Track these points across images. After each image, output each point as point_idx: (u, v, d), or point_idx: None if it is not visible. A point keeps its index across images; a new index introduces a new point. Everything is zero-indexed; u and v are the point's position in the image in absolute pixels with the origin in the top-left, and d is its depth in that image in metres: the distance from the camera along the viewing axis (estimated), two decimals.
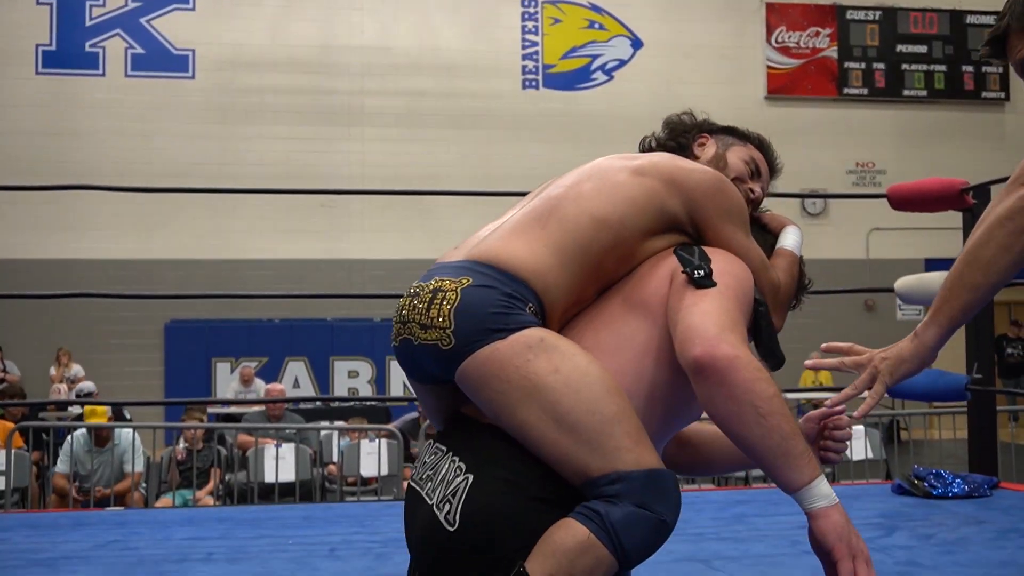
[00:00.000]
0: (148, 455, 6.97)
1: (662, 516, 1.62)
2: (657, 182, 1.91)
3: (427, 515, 1.70)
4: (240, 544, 3.50)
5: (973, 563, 3.14)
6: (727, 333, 1.67)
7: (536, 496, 1.65)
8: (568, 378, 1.67)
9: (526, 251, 1.82)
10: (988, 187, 4.50)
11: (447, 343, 1.73)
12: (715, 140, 2.16)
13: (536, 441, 1.67)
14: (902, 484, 4.31)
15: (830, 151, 14.92)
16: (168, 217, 13.48)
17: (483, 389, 1.72)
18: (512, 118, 14.47)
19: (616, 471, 1.62)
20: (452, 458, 1.73)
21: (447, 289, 1.77)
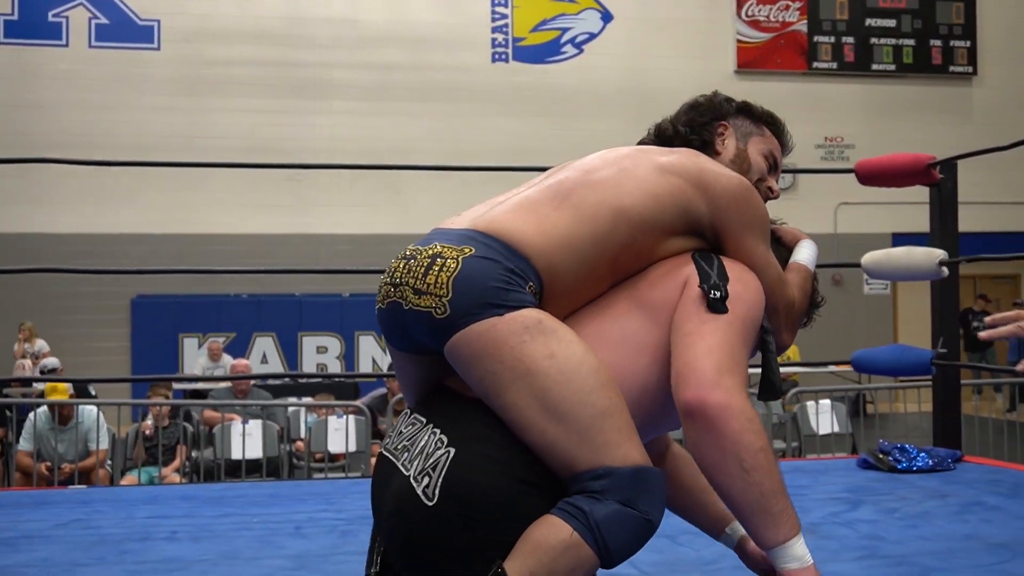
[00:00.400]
0: (113, 432, 6.90)
1: (647, 515, 1.59)
2: (684, 182, 1.85)
3: (403, 486, 1.63)
4: (205, 522, 3.47)
5: (936, 536, 3.16)
6: (725, 377, 1.65)
7: (521, 477, 1.61)
8: (563, 365, 1.63)
9: (534, 228, 1.75)
10: (955, 162, 4.51)
11: (442, 312, 1.66)
12: (733, 129, 2.09)
13: (523, 425, 1.63)
14: (867, 458, 4.33)
15: (799, 125, 14.68)
16: (133, 191, 13.33)
17: (475, 366, 1.66)
18: (482, 91, 14.39)
19: (603, 466, 1.59)
20: (433, 430, 1.67)
21: (447, 256, 1.70)
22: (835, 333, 13.43)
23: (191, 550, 3.11)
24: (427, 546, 1.60)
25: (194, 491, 4.08)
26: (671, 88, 15.27)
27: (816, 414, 7.67)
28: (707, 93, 2.16)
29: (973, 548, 3.01)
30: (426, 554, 1.61)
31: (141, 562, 2.97)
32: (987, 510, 3.50)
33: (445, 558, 1.59)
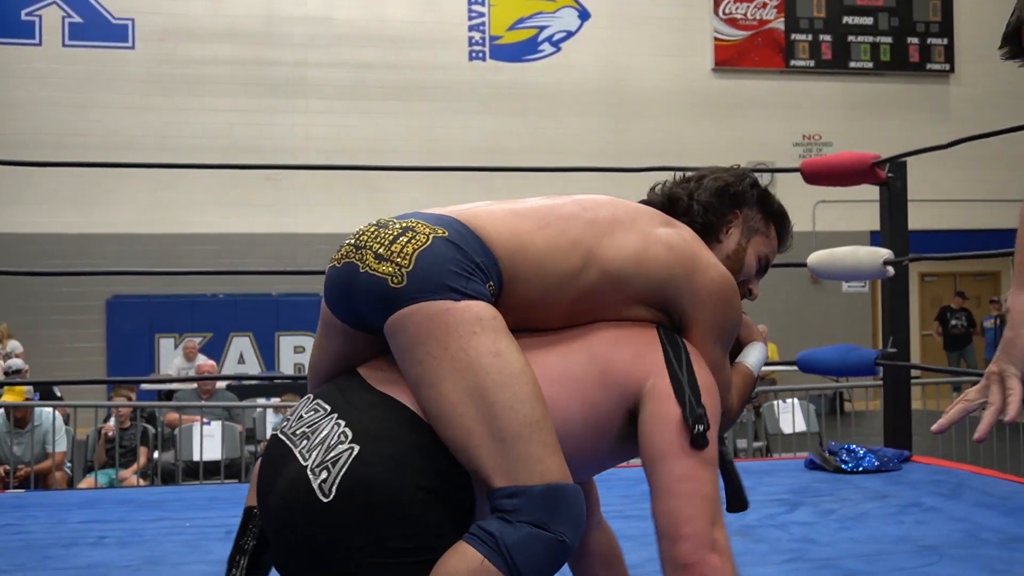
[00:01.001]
0: (73, 434, 6.85)
1: (560, 536, 1.56)
2: (675, 260, 1.82)
3: (297, 477, 1.57)
4: (136, 527, 3.44)
5: (868, 539, 3.15)
6: (718, 532, 1.68)
7: (424, 485, 1.55)
8: (504, 367, 1.59)
9: (510, 235, 1.73)
10: (903, 160, 4.49)
11: (398, 281, 1.62)
12: (743, 221, 2.03)
13: (450, 421, 1.58)
14: (814, 459, 4.32)
15: (777, 123, 14.95)
16: (108, 191, 13.26)
17: (417, 347, 1.61)
18: (459, 90, 14.35)
19: (516, 485, 1.55)
20: (337, 421, 1.61)
21: (419, 231, 1.67)
22: (813, 332, 13.44)
23: (116, 555, 3.08)
24: (315, 544, 1.55)
25: (133, 495, 4.04)
26: (649, 86, 15.29)
27: (783, 413, 7.65)
28: (735, 170, 2.08)
29: (901, 551, 2.99)
30: (312, 553, 1.56)
31: (61, 568, 2.94)
32: (924, 511, 3.48)
33: (332, 559, 1.54)
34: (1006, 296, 10.21)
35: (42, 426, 6.45)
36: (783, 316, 14.58)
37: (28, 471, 6.19)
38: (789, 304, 14.76)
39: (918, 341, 16.42)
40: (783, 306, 14.73)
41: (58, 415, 6.59)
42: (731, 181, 2.03)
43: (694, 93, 14.96)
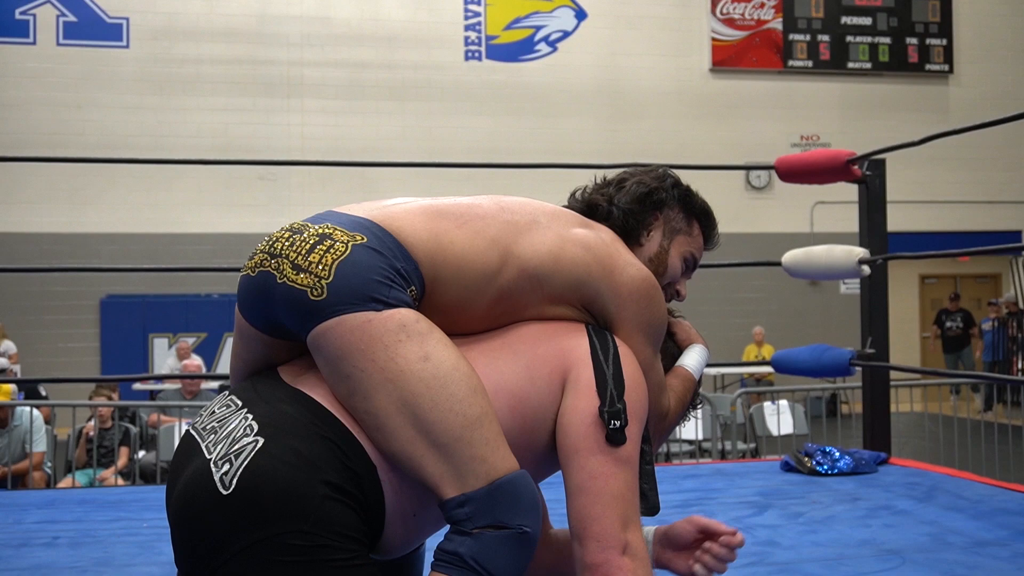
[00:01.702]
0: (54, 433, 6.81)
1: (520, 528, 1.53)
2: (592, 260, 1.78)
3: (200, 469, 1.52)
4: (91, 527, 3.39)
5: (831, 542, 3.08)
6: (631, 534, 1.63)
7: (328, 480, 1.50)
8: (436, 369, 1.56)
9: (429, 236, 1.68)
10: (882, 158, 4.43)
11: (318, 294, 1.57)
12: (664, 222, 1.98)
13: (389, 433, 1.55)
14: (789, 461, 4.25)
15: (775, 124, 14.88)
16: (102, 190, 13.24)
17: (343, 360, 1.56)
18: (455, 90, 14.30)
19: (464, 493, 1.53)
20: (246, 415, 1.58)
21: (337, 239, 1.62)
22: (811, 333, 13.36)
23: (65, 556, 3.03)
24: (208, 538, 1.49)
25: (93, 495, 3.99)
26: (645, 86, 15.23)
27: (772, 415, 7.58)
28: (656, 172, 2.02)
29: (864, 555, 2.93)
30: (208, 548, 1.49)
31: (7, 570, 2.89)
32: (893, 515, 3.42)
33: (226, 554, 1.48)
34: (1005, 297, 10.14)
35: (22, 426, 6.40)
36: (781, 317, 14.52)
37: (5, 471, 6.14)
38: (787, 305, 14.70)
39: (917, 343, 16.35)
40: (781, 307, 14.67)
41: (39, 415, 6.55)
42: (653, 186, 1.98)
43: (691, 93, 14.89)
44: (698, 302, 8.14)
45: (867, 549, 3.00)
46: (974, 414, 10.33)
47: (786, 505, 3.61)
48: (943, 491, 3.75)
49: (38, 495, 4.11)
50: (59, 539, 3.24)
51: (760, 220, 14.84)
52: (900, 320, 14.90)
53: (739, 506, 3.62)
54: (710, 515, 3.51)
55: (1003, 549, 2.98)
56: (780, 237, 13.38)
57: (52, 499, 3.91)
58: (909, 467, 4.29)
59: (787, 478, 4.13)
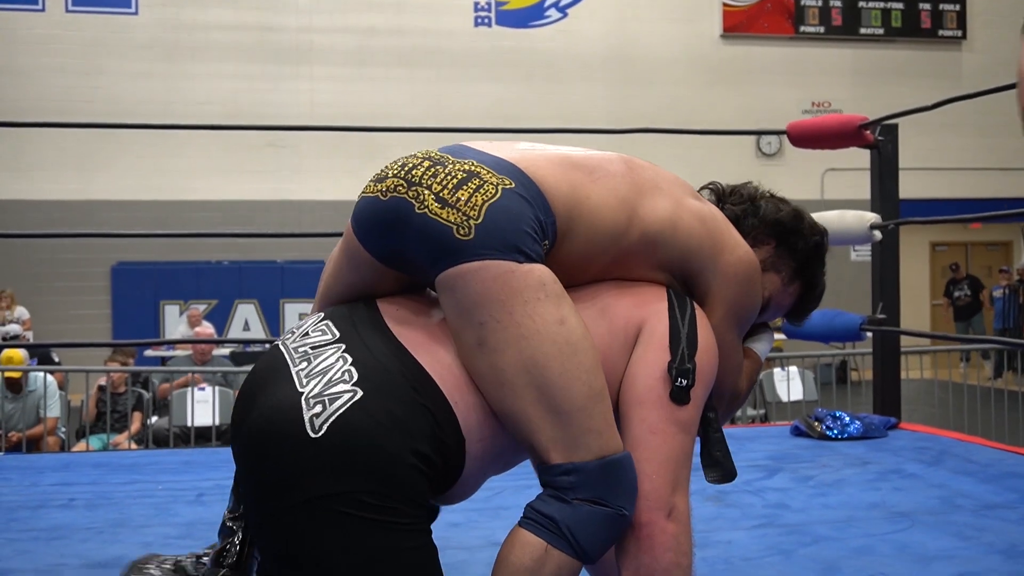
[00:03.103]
0: (69, 400, 6.86)
1: (620, 509, 1.53)
2: (705, 233, 1.75)
3: (290, 400, 1.48)
4: (106, 490, 3.42)
5: (840, 505, 3.10)
6: (679, 498, 1.61)
7: (416, 450, 1.47)
8: (570, 335, 1.53)
9: (568, 188, 1.63)
10: (895, 123, 4.41)
11: (465, 233, 1.51)
12: (771, 255, 1.91)
13: (511, 389, 1.52)
14: (799, 425, 4.27)
15: (786, 90, 14.80)
16: (112, 157, 13.25)
17: (478, 308, 1.52)
18: (464, 56, 14.24)
19: (572, 462, 1.51)
20: (344, 355, 1.53)
21: (487, 180, 1.56)
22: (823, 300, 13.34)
23: (82, 518, 3.06)
24: (283, 475, 1.46)
25: (108, 458, 4.03)
26: (656, 52, 15.14)
27: (781, 381, 7.59)
28: (814, 224, 1.96)
29: (873, 517, 2.95)
30: (275, 481, 1.46)
31: (25, 530, 2.92)
32: (903, 478, 3.44)
33: (296, 495, 1.45)
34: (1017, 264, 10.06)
35: (36, 391, 6.45)
36: None
37: (20, 436, 6.19)
38: None
39: (927, 311, 16.33)
40: None
41: (52, 380, 6.60)
42: (792, 224, 1.92)
43: (702, 59, 14.80)
44: None
45: (877, 512, 3.02)
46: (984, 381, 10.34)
47: (796, 469, 3.62)
48: (952, 455, 3.76)
49: (53, 458, 4.16)
50: (75, 501, 3.28)
51: (770, 187, 14.41)
52: (910, 288, 14.85)
53: (749, 469, 3.64)
54: None
55: (1011, 512, 2.99)
56: None
57: (67, 462, 3.95)
58: (919, 432, 4.30)
59: (797, 442, 4.15)
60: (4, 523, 3.00)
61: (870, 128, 4.18)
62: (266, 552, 1.56)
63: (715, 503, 3.19)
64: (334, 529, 1.44)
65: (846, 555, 2.59)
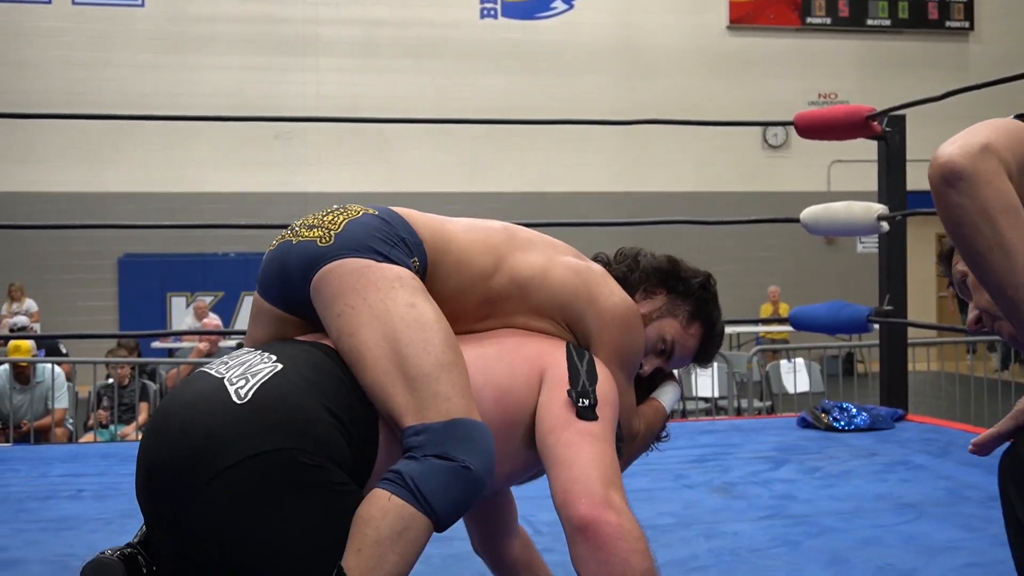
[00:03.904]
0: (76, 391, 6.87)
1: (464, 463, 1.57)
2: (579, 283, 1.91)
3: (214, 384, 1.57)
4: (114, 481, 3.43)
5: (847, 496, 3.11)
6: (613, 492, 1.65)
7: (332, 410, 1.57)
8: (420, 316, 1.67)
9: (435, 225, 1.85)
10: (902, 114, 4.40)
11: (326, 241, 1.73)
12: (664, 302, 2.02)
13: (367, 364, 1.64)
14: (806, 417, 4.27)
15: (792, 82, 14.75)
16: (119, 149, 13.25)
17: (337, 299, 1.68)
18: (470, 48, 14.22)
19: (422, 423, 1.59)
20: (262, 353, 1.66)
21: (351, 209, 1.81)
22: (827, 293, 13.30)
23: (90, 508, 3.08)
24: (213, 442, 1.48)
25: (115, 449, 4.04)
26: (662, 44, 15.10)
27: (788, 373, 7.59)
28: (694, 269, 2.06)
29: (880, 508, 2.95)
30: (206, 450, 1.48)
31: (33, 521, 2.94)
32: (910, 469, 3.44)
33: (227, 457, 1.47)
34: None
35: (44, 382, 6.47)
36: (798, 276, 14.48)
37: (28, 427, 6.21)
38: (804, 264, 14.65)
39: (934, 303, 16.30)
40: (798, 266, 14.62)
41: (60, 372, 6.61)
42: (672, 270, 2.04)
43: (708, 51, 14.76)
44: (714, 261, 8.14)
45: (883, 503, 3.02)
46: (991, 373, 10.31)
47: (803, 460, 3.63)
48: (959, 447, 3.76)
49: (62, 449, 4.17)
50: (84, 492, 3.30)
51: (777, 179, 14.77)
52: (917, 281, 14.78)
53: (756, 461, 3.65)
54: (727, 470, 3.54)
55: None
56: (797, 196, 13.27)
57: (75, 453, 3.96)
58: (926, 423, 4.30)
59: (804, 434, 4.15)
60: (13, 514, 3.02)
61: (877, 119, 4.18)
62: (193, 541, 1.50)
63: (722, 495, 3.19)
64: (270, 488, 1.48)
65: (853, 546, 2.59)
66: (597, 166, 14.28)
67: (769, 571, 2.43)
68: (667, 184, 14.40)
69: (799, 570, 2.42)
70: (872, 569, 2.41)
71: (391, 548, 1.52)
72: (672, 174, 14.45)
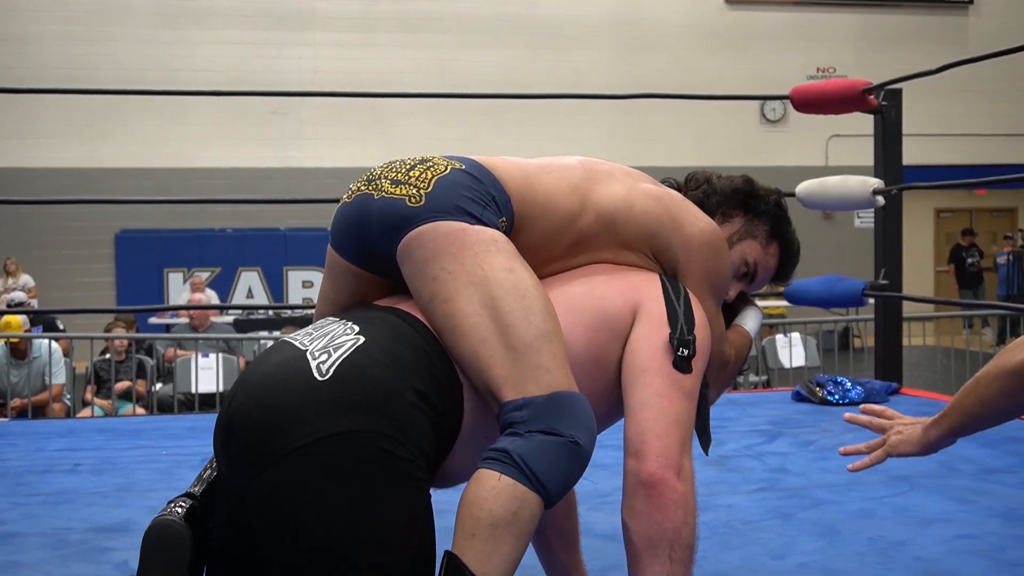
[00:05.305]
0: (74, 367, 6.89)
1: (573, 438, 1.52)
2: (663, 211, 1.83)
3: (296, 356, 1.52)
4: (112, 455, 3.45)
5: (840, 469, 3.08)
6: (686, 458, 1.64)
7: (416, 388, 1.52)
8: (519, 281, 1.60)
9: (521, 177, 1.76)
10: (899, 88, 4.39)
11: (416, 201, 1.64)
12: (743, 224, 2.00)
13: (464, 331, 1.57)
14: (801, 391, 4.29)
15: (791, 56, 14.71)
16: (116, 125, 13.22)
17: (431, 262, 1.60)
18: (469, 22, 14.17)
19: (523, 397, 1.53)
20: (345, 323, 1.60)
21: (437, 163, 1.71)
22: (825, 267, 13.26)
23: (88, 482, 3.09)
24: (291, 417, 1.45)
25: (113, 424, 4.06)
26: (661, 18, 15.04)
27: (784, 347, 7.61)
28: (766, 188, 2.05)
29: (873, 481, 2.97)
30: (283, 425, 1.45)
31: (32, 494, 2.95)
32: None
33: (303, 435, 1.44)
34: None
35: (41, 358, 6.47)
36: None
37: (25, 402, 6.23)
38: (802, 239, 14.04)
39: (931, 277, 16.31)
40: None
41: (57, 347, 6.62)
42: (748, 190, 2.01)
43: (707, 25, 14.71)
44: None
45: (876, 476, 3.02)
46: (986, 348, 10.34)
47: (797, 433, 3.65)
48: None
49: (59, 424, 4.19)
50: (80, 466, 3.31)
51: (775, 153, 14.75)
52: (915, 255, 14.84)
53: (750, 434, 3.66)
54: (721, 443, 3.56)
55: (1011, 476, 3.01)
56: (795, 170, 13.21)
57: (72, 428, 3.98)
58: (920, 397, 4.32)
59: (798, 407, 4.17)
60: (11, 488, 3.03)
61: (874, 93, 4.17)
62: (256, 519, 1.45)
63: (716, 467, 3.21)
64: (343, 469, 1.42)
65: (845, 518, 2.61)
66: (596, 140, 14.23)
67: (762, 543, 2.44)
68: (666, 159, 14.34)
69: (791, 542, 2.44)
70: (863, 541, 2.43)
71: (507, 530, 1.46)
72: (671, 148, 14.41)
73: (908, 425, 1.86)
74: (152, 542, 1.52)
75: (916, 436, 1.82)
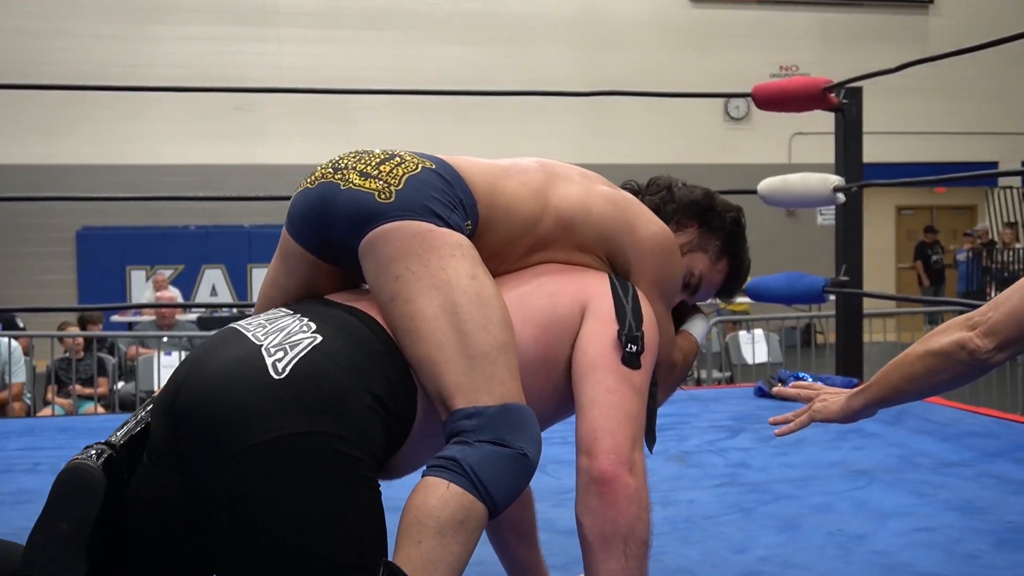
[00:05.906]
0: (34, 366, 6.81)
1: (521, 450, 1.54)
2: (618, 214, 1.86)
3: (250, 351, 1.50)
4: (71, 454, 3.38)
5: (801, 464, 3.16)
6: (637, 454, 1.66)
7: (372, 391, 1.52)
8: (481, 290, 1.60)
9: (486, 178, 1.76)
10: (859, 86, 4.43)
11: (386, 197, 1.62)
12: (696, 235, 2.02)
13: (422, 334, 1.56)
14: (763, 387, 4.32)
15: (754, 54, 14.79)
16: (75, 121, 13.08)
17: (395, 262, 1.59)
18: (432, 18, 14.13)
19: (474, 406, 1.54)
20: (300, 318, 1.58)
21: (407, 160, 1.69)
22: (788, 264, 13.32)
23: (48, 482, 2.99)
24: (244, 416, 1.43)
25: (73, 423, 4.02)
26: (625, 16, 15.08)
27: (747, 343, 7.66)
28: (728, 203, 2.07)
29: (832, 475, 3.01)
30: (235, 423, 1.43)
31: None
32: (863, 437, 3.49)
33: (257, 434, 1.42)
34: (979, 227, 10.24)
35: (0, 357, 6.39)
36: (758, 249, 14.24)
37: None
38: (763, 236, 14.62)
39: (893, 274, 16.47)
40: (757, 238, 14.46)
41: (17, 346, 6.54)
42: (707, 204, 2.03)
43: (670, 23, 14.77)
44: None
45: (836, 470, 3.07)
46: None
47: (758, 429, 3.68)
48: (912, 415, 3.82)
49: (18, 423, 4.14)
50: (40, 465, 3.28)
51: (738, 151, 14.84)
52: (876, 252, 14.98)
53: (712, 430, 3.69)
54: (684, 439, 3.58)
55: (968, 469, 3.06)
56: (758, 168, 13.25)
57: (32, 427, 3.94)
58: None
59: (760, 403, 4.21)
60: None
61: (835, 91, 4.21)
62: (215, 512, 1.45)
63: (678, 463, 3.23)
64: (296, 469, 1.42)
65: (805, 512, 2.64)
66: (560, 138, 14.25)
67: (723, 538, 2.47)
68: (629, 156, 14.41)
69: (752, 536, 2.47)
70: (823, 535, 2.46)
71: (454, 539, 1.47)
72: (635, 146, 14.45)
73: (833, 395, 1.94)
74: (64, 484, 1.52)
75: (839, 404, 1.90)
